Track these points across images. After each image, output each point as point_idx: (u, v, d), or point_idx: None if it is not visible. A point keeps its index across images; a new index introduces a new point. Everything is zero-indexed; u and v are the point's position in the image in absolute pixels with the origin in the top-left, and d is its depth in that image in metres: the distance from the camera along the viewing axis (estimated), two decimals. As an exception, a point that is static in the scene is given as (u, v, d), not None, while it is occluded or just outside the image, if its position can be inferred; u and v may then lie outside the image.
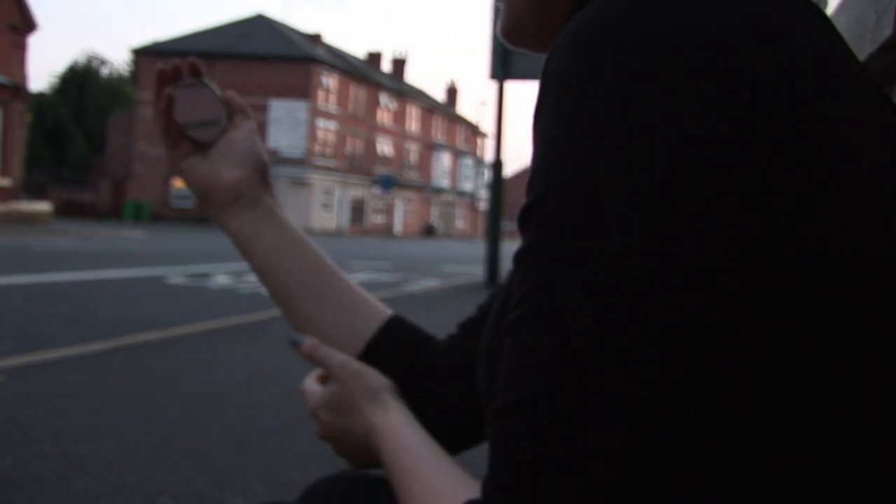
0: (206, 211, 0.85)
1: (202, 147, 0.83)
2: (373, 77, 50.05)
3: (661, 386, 0.37)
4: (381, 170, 49.95)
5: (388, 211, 51.89)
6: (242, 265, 12.81)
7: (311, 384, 0.78)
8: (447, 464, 0.62)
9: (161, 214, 42.75)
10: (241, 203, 0.82)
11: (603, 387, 0.37)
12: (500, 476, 0.39)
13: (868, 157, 0.40)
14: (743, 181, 0.38)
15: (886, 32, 1.08)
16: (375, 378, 0.73)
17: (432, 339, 0.84)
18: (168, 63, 0.82)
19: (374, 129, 50.17)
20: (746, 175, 0.38)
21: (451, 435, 0.73)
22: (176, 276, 10.56)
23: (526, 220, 0.42)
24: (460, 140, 64.05)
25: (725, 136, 0.38)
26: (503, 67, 9.67)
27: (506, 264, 8.83)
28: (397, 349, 0.82)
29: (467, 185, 64.23)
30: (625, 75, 0.39)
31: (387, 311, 0.85)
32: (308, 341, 0.76)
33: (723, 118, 0.38)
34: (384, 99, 51.11)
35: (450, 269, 16.31)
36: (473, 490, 0.56)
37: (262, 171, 0.84)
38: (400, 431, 0.67)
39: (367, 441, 0.70)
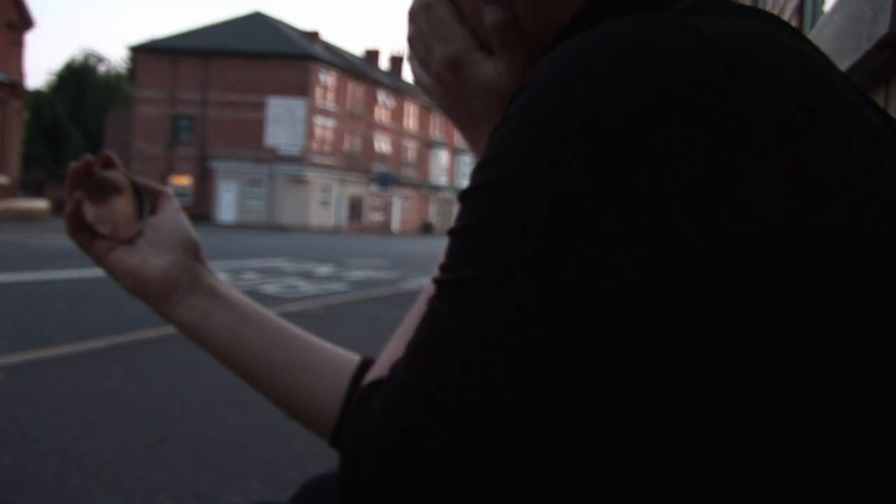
0: (151, 306, 0.79)
1: (127, 240, 0.79)
2: (371, 74, 49.99)
3: (579, 383, 0.38)
4: (378, 167, 49.90)
5: (386, 208, 51.84)
6: (240, 263, 12.85)
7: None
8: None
9: (159, 212, 42.51)
10: (180, 290, 0.78)
11: (515, 383, 0.38)
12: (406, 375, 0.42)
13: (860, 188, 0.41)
14: (684, 174, 0.38)
15: (883, 30, 1.08)
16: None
17: None
18: (81, 160, 0.78)
19: (372, 126, 50.11)
20: (689, 167, 0.38)
21: None
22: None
23: (467, 198, 0.44)
24: (458, 137, 63.92)
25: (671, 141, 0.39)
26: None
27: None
28: None
29: (465, 183, 64.09)
30: (581, 104, 0.41)
31: (355, 357, 0.82)
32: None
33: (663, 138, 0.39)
34: (382, 96, 51.04)
35: (448, 266, 16.27)
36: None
37: (194, 249, 0.80)
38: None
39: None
